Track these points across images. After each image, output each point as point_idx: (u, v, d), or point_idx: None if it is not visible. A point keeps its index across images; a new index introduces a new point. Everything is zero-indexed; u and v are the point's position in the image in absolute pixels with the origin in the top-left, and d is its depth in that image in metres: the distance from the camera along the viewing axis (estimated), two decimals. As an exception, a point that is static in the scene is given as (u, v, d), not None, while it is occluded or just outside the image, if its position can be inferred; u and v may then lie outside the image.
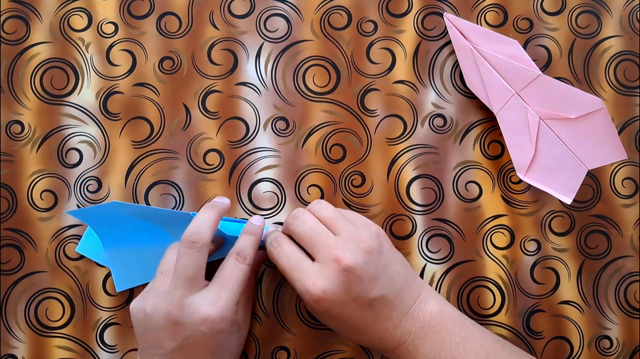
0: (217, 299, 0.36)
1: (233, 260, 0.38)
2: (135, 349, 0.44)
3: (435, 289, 0.44)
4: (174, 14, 0.46)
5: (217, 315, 0.36)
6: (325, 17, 0.46)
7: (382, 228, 0.45)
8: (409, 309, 0.37)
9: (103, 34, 0.45)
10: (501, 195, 0.45)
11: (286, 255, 0.37)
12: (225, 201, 0.41)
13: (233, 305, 0.37)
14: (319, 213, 0.39)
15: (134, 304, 0.38)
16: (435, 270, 0.44)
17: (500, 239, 0.45)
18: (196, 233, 0.37)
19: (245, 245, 0.39)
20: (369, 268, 0.36)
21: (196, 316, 0.36)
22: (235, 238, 0.40)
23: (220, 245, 0.42)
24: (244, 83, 0.45)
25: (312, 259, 0.37)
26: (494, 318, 0.44)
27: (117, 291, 0.42)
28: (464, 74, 0.45)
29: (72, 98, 0.45)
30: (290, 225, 0.38)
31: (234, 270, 0.38)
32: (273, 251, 0.38)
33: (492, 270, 0.45)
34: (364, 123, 0.45)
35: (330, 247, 0.36)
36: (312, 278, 0.36)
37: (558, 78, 0.45)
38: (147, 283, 0.43)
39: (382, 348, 0.38)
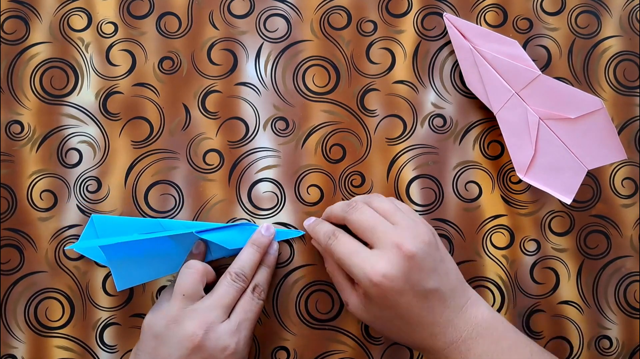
0: (237, 332, 0.38)
1: (251, 294, 0.40)
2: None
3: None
4: (173, 14, 0.46)
5: (234, 346, 0.38)
6: (325, 17, 0.46)
7: (382, 228, 0.45)
8: (462, 308, 0.37)
9: (103, 34, 0.45)
10: (501, 195, 0.45)
11: (344, 244, 0.38)
12: (269, 236, 0.43)
13: (248, 337, 0.39)
14: (376, 205, 0.39)
15: (151, 318, 0.38)
16: (435, 270, 0.44)
17: (500, 239, 0.45)
18: (243, 269, 0.40)
19: (262, 280, 0.41)
20: (428, 258, 0.36)
21: (217, 342, 0.37)
22: (221, 248, 0.41)
23: (204, 251, 0.43)
24: (243, 84, 0.45)
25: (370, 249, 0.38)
26: (493, 318, 0.44)
27: (118, 290, 0.42)
28: (463, 74, 0.45)
29: (72, 98, 0.45)
30: (348, 214, 0.39)
31: (252, 305, 0.40)
32: (329, 242, 0.39)
33: (492, 269, 0.45)
34: (364, 123, 0.45)
35: (391, 234, 0.37)
36: (372, 262, 0.36)
37: (558, 78, 0.45)
38: (147, 282, 0.43)
39: (431, 347, 0.37)
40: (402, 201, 0.45)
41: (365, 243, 0.38)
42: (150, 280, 0.42)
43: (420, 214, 0.45)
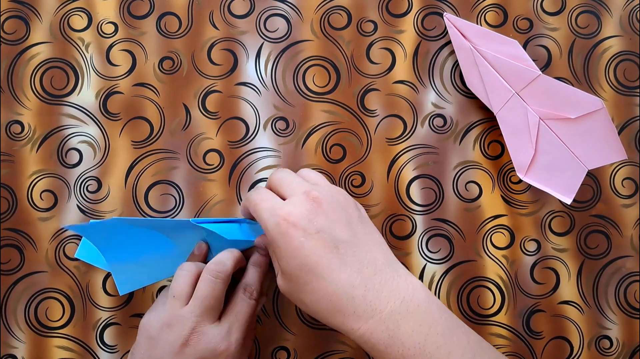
0: (228, 334, 0.38)
1: (242, 296, 0.40)
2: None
3: (435, 289, 0.44)
4: (173, 14, 0.46)
5: (225, 348, 0.38)
6: (325, 17, 0.46)
7: (382, 228, 0.45)
8: (386, 275, 0.34)
9: (103, 34, 0.45)
10: (501, 195, 0.45)
11: (260, 193, 0.37)
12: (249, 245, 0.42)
13: (240, 339, 0.39)
14: (303, 173, 0.39)
15: (146, 320, 0.39)
16: (435, 270, 0.44)
17: (500, 239, 0.45)
18: (221, 264, 0.39)
19: (252, 279, 0.41)
20: (340, 210, 0.36)
21: (207, 344, 0.37)
22: (223, 240, 0.41)
23: (206, 253, 0.43)
24: (243, 83, 0.45)
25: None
26: (494, 318, 0.44)
27: (120, 294, 0.42)
28: (463, 74, 0.45)
29: (72, 98, 0.45)
30: (271, 174, 0.39)
31: (243, 305, 0.39)
32: (249, 194, 0.38)
33: (492, 270, 0.45)
34: (364, 123, 0.45)
35: (303, 186, 0.37)
36: (281, 204, 0.36)
37: (558, 78, 0.45)
38: (150, 284, 0.43)
39: (351, 314, 0.34)
40: (402, 201, 0.45)
41: None
42: (153, 282, 0.42)
43: (420, 214, 0.45)
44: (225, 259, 0.39)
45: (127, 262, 0.41)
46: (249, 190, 0.44)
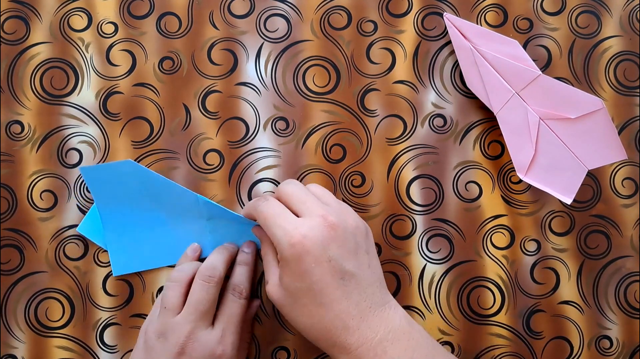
0: (223, 337, 0.38)
1: (231, 297, 0.40)
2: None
3: (435, 289, 0.44)
4: (173, 14, 0.46)
5: (221, 351, 0.38)
6: (325, 17, 0.46)
7: (382, 228, 0.45)
8: (379, 307, 0.36)
9: (103, 34, 0.45)
10: (501, 195, 0.45)
11: (272, 206, 0.37)
12: (235, 247, 0.43)
13: (235, 342, 0.39)
14: (312, 188, 0.39)
15: (146, 326, 0.39)
16: (435, 270, 0.44)
17: (500, 239, 0.45)
18: (213, 269, 0.39)
19: (240, 279, 0.41)
20: (351, 238, 0.36)
21: (203, 350, 0.37)
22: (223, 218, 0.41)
23: (199, 255, 0.43)
24: (243, 84, 0.45)
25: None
26: (494, 318, 0.44)
27: (114, 275, 0.42)
28: (464, 74, 0.45)
29: (72, 99, 0.45)
30: (281, 187, 0.38)
31: (234, 306, 0.40)
32: (258, 203, 0.38)
33: (492, 270, 0.45)
34: (364, 123, 0.45)
35: (319, 207, 0.36)
36: (296, 224, 0.35)
37: (558, 78, 0.45)
38: (146, 270, 0.43)
39: (342, 343, 0.35)
40: (402, 201, 0.45)
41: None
42: (148, 269, 0.42)
43: (420, 214, 0.45)
44: (217, 262, 0.40)
45: (125, 242, 0.42)
46: (249, 192, 0.44)
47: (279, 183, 0.45)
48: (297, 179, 0.45)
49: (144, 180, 0.41)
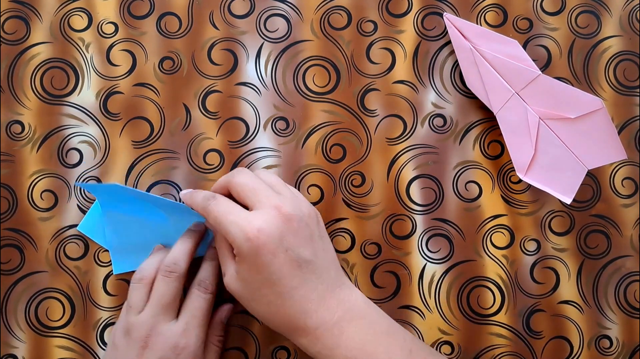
0: (187, 329, 0.38)
1: (197, 292, 0.40)
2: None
3: (435, 289, 0.44)
4: (174, 14, 0.46)
5: (185, 344, 0.38)
6: (325, 17, 0.46)
7: (382, 227, 0.45)
8: (335, 288, 0.37)
9: (103, 34, 0.46)
10: (501, 195, 0.45)
11: (223, 204, 0.37)
12: (201, 226, 0.42)
13: (201, 335, 0.39)
14: (262, 176, 0.39)
15: (115, 327, 0.40)
16: (435, 269, 0.45)
17: (500, 239, 0.45)
18: (174, 264, 0.39)
19: (206, 275, 0.41)
20: (306, 227, 0.37)
21: (166, 343, 0.38)
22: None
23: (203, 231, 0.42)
24: (244, 83, 0.45)
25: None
26: (493, 318, 0.44)
27: (114, 273, 0.42)
28: (463, 74, 0.45)
29: (72, 98, 0.45)
30: (232, 177, 0.38)
31: (198, 301, 0.39)
32: (208, 203, 0.38)
33: (492, 269, 0.45)
34: (364, 123, 0.45)
35: (272, 198, 0.37)
36: (250, 218, 0.36)
37: (558, 78, 0.45)
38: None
39: (302, 327, 0.36)
40: (402, 201, 0.45)
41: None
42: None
43: (420, 214, 0.45)
44: (179, 256, 0.39)
45: (126, 240, 0.42)
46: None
47: (279, 183, 0.45)
48: (297, 179, 0.45)
49: (135, 194, 0.42)
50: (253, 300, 0.37)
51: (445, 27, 0.46)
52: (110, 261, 0.44)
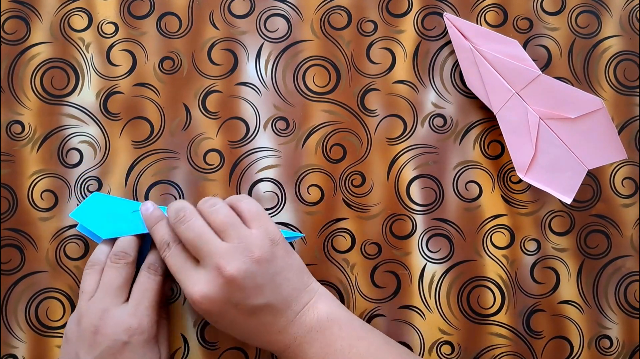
0: (136, 310, 0.38)
1: (146, 273, 0.40)
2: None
3: (435, 289, 0.44)
4: (174, 14, 0.46)
5: (137, 324, 0.38)
6: (325, 17, 0.46)
7: (382, 227, 0.45)
8: (296, 315, 0.37)
9: (103, 34, 0.46)
10: (501, 195, 0.45)
11: (174, 257, 0.38)
12: (147, 213, 0.41)
13: (152, 315, 0.39)
14: (209, 217, 0.38)
15: (65, 329, 0.40)
16: (435, 269, 0.45)
17: (500, 239, 0.45)
18: (122, 251, 0.40)
19: (155, 258, 0.41)
20: (254, 277, 0.36)
21: (117, 326, 0.37)
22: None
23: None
24: (244, 83, 0.45)
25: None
26: (494, 318, 0.44)
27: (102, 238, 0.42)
28: (463, 74, 0.45)
29: (73, 99, 0.45)
30: (176, 226, 0.38)
31: (148, 282, 0.40)
32: (163, 254, 0.39)
33: (492, 269, 0.45)
34: (364, 123, 0.45)
35: (214, 255, 0.36)
36: (194, 281, 0.37)
37: (558, 78, 0.45)
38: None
39: (270, 350, 0.39)
40: (402, 201, 0.45)
41: None
42: (139, 232, 0.42)
43: (420, 214, 0.45)
44: (127, 243, 0.40)
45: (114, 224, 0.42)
46: (249, 192, 0.45)
47: (279, 183, 0.45)
48: (297, 179, 0.45)
49: (117, 204, 0.42)
50: (219, 322, 0.38)
51: (446, 27, 0.46)
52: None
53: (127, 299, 0.39)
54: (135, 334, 0.38)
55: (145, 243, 0.42)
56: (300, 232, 0.44)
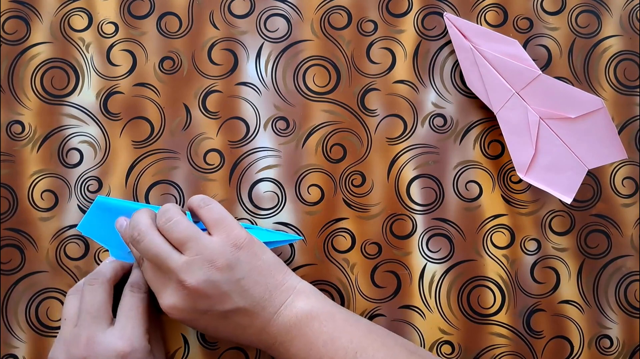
0: (124, 332, 0.38)
1: (129, 293, 0.40)
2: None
3: (436, 288, 0.44)
4: (174, 14, 0.46)
5: (128, 348, 0.37)
6: (325, 17, 0.46)
7: (383, 227, 0.45)
8: (273, 315, 0.37)
9: (103, 34, 0.46)
10: (501, 195, 0.45)
11: (146, 273, 0.38)
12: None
13: (142, 334, 0.38)
14: (166, 234, 0.37)
15: (52, 351, 0.39)
16: (435, 269, 0.45)
17: (501, 238, 0.45)
18: (96, 273, 0.40)
19: (138, 277, 0.41)
20: (218, 285, 0.36)
21: (108, 351, 0.37)
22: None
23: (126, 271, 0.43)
24: (244, 83, 0.45)
25: None
26: (494, 318, 0.44)
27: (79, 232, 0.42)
28: (464, 74, 0.45)
29: (73, 99, 0.45)
30: (135, 244, 0.38)
31: (132, 301, 0.39)
32: (139, 265, 0.39)
33: (493, 269, 0.45)
34: (364, 123, 0.45)
35: (173, 271, 0.36)
36: (162, 293, 0.37)
37: (558, 77, 0.45)
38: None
39: (257, 348, 0.39)
40: (402, 200, 0.45)
41: None
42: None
43: (420, 214, 0.45)
44: (102, 267, 0.41)
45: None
46: (250, 191, 0.45)
47: (279, 182, 0.45)
48: (297, 179, 0.45)
49: (122, 210, 0.42)
50: (197, 326, 0.38)
51: (446, 27, 0.46)
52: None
53: (113, 319, 0.39)
54: (128, 356, 0.37)
55: None
56: (301, 233, 0.44)
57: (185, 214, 0.39)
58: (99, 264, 0.44)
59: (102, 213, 0.43)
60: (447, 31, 0.45)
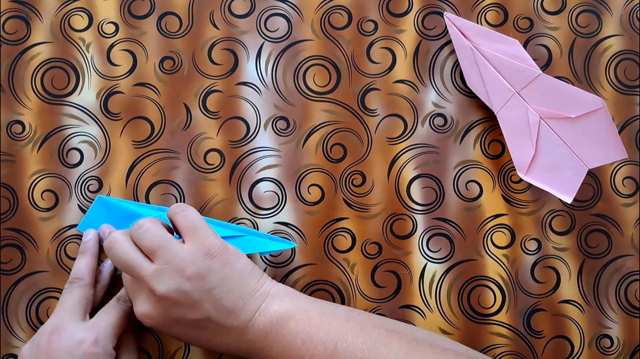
0: (95, 326, 0.38)
1: (114, 303, 0.40)
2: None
3: (436, 288, 0.44)
4: (174, 14, 0.46)
5: (92, 338, 0.37)
6: (325, 17, 0.46)
7: (383, 227, 0.45)
8: (248, 323, 0.37)
9: (103, 34, 0.46)
10: (501, 195, 0.45)
11: (123, 279, 0.38)
12: (91, 239, 0.42)
13: (111, 334, 0.38)
14: (138, 242, 0.37)
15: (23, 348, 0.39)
16: (435, 269, 0.45)
17: (501, 238, 0.45)
18: (75, 277, 0.41)
19: (125, 292, 0.41)
20: (188, 294, 0.36)
21: (71, 339, 0.37)
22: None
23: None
24: (244, 83, 0.45)
25: None
26: (494, 318, 0.44)
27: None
28: (464, 74, 0.45)
29: (73, 98, 0.45)
30: (107, 251, 0.38)
31: (114, 307, 0.40)
32: (123, 275, 0.39)
33: (493, 269, 0.45)
34: (365, 122, 0.45)
35: (143, 279, 0.36)
36: (135, 300, 0.37)
37: (558, 77, 0.45)
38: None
39: (238, 355, 0.39)
40: (402, 200, 0.45)
41: None
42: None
43: (420, 213, 0.45)
44: (83, 267, 0.41)
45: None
46: (250, 191, 0.45)
47: (279, 182, 0.45)
48: (297, 179, 0.45)
49: (122, 210, 0.43)
50: (172, 334, 0.38)
51: (446, 27, 0.46)
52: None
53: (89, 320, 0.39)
54: (89, 347, 0.37)
55: None
56: (302, 233, 0.44)
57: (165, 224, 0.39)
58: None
59: (102, 213, 0.43)
60: (447, 31, 0.45)
